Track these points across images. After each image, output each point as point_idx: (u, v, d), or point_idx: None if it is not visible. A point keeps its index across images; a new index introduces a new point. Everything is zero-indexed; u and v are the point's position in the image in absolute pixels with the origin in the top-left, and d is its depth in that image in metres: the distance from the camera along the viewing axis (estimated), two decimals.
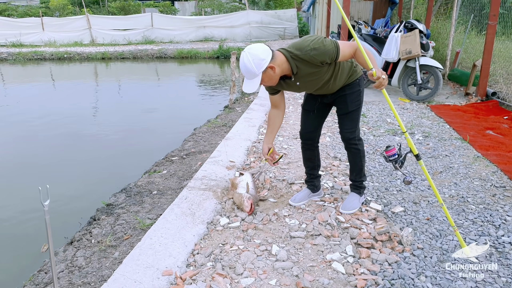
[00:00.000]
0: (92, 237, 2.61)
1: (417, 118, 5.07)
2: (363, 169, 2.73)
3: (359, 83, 2.54)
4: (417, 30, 5.69)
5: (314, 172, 2.86)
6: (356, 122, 2.59)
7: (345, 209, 2.68)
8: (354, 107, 2.54)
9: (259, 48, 2.18)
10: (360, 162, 2.68)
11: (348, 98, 2.53)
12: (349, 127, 2.58)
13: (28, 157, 5.09)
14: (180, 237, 2.36)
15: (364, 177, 2.76)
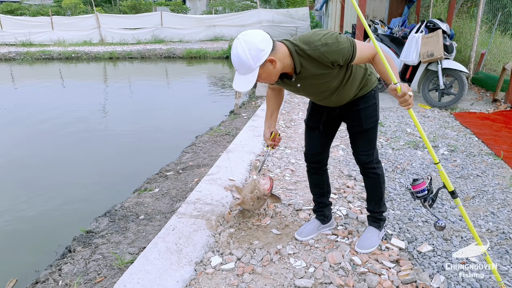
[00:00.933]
0: (60, 276, 2.22)
1: (440, 128, 4.57)
2: (383, 198, 2.28)
3: (374, 95, 2.08)
4: (440, 30, 5.18)
5: (323, 200, 2.41)
6: (373, 142, 2.14)
7: (362, 247, 2.24)
8: (370, 124, 2.08)
9: (258, 36, 1.68)
10: (379, 190, 2.23)
11: (363, 114, 2.07)
12: (366, 148, 2.14)
13: (23, 159, 4.79)
14: (160, 284, 1.94)
15: (384, 207, 2.31)
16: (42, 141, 5.57)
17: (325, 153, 2.32)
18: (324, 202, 2.42)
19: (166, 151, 4.82)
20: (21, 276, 2.55)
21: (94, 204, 3.52)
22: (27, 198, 3.78)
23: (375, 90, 2.09)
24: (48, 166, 4.61)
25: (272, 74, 1.77)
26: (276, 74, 1.79)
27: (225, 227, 2.56)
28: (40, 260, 2.67)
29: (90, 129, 6.17)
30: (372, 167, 2.18)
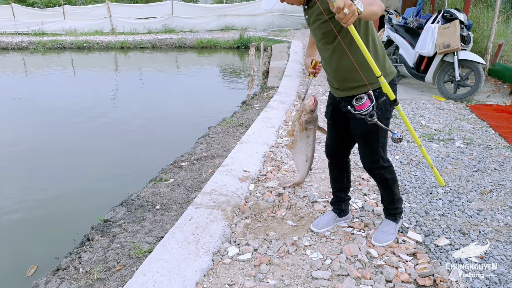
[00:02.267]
0: (81, 264, 2.26)
1: (456, 121, 4.51)
2: (396, 196, 2.23)
3: (377, 96, 1.91)
4: (457, 20, 5.08)
5: (341, 194, 2.41)
6: (374, 147, 2.02)
7: (378, 240, 2.24)
8: (369, 130, 1.96)
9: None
10: (390, 191, 2.19)
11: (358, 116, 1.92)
12: (369, 153, 2.06)
13: (40, 149, 4.86)
14: (179, 274, 1.97)
15: (398, 203, 2.27)
16: (57, 131, 5.64)
17: (342, 149, 2.27)
18: (342, 197, 2.41)
19: (179, 142, 4.85)
20: (41, 263, 2.61)
21: (110, 193, 3.57)
22: (44, 187, 3.84)
23: (379, 92, 1.91)
24: (63, 156, 4.68)
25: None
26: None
27: (241, 218, 2.58)
28: (59, 248, 2.73)
29: (104, 119, 6.23)
30: (378, 173, 2.11)
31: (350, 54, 1.84)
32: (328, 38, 1.89)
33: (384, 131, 2.00)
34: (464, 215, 2.52)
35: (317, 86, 6.70)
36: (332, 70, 2.00)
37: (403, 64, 5.95)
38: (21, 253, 2.80)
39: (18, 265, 2.60)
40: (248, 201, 2.81)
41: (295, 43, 12.02)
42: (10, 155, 4.71)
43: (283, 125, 4.56)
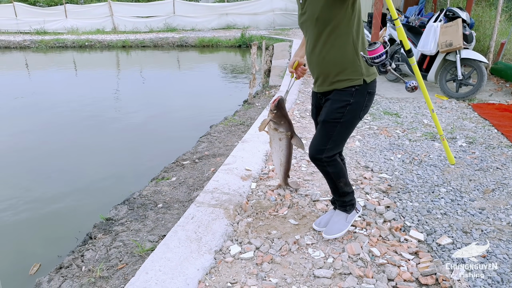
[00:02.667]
0: (83, 262, 2.27)
1: (458, 120, 4.51)
2: (341, 190, 2.18)
3: (354, 93, 1.92)
4: (460, 19, 5.08)
5: None
6: (327, 138, 1.99)
7: (327, 233, 2.22)
8: (331, 118, 1.95)
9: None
10: (333, 184, 2.16)
11: (329, 105, 1.97)
12: (318, 142, 2.03)
13: (42, 147, 4.87)
14: (181, 272, 1.98)
15: (345, 197, 2.22)
16: (59, 130, 5.66)
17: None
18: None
19: (181, 140, 4.86)
20: (44, 261, 2.62)
21: (112, 192, 3.58)
22: (46, 185, 3.85)
23: (357, 89, 1.92)
24: (65, 155, 4.69)
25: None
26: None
27: (243, 216, 2.58)
28: (62, 246, 2.74)
29: (106, 118, 6.23)
30: (320, 164, 2.07)
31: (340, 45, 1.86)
32: (324, 27, 1.87)
33: (344, 127, 1.97)
34: (467, 214, 2.52)
35: None
36: (320, 62, 1.97)
37: (405, 63, 5.94)
38: (24, 251, 2.81)
39: (21, 263, 2.61)
40: (250, 199, 2.81)
41: (296, 42, 12.01)
42: (13, 153, 4.72)
43: None
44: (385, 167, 3.29)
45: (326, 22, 1.84)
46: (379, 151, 3.64)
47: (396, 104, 5.19)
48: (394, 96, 5.60)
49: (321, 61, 1.95)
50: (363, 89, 1.93)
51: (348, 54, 1.89)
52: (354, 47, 1.88)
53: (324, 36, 1.88)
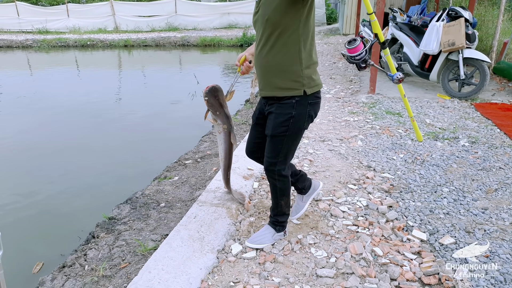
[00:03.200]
0: (86, 261, 2.27)
1: (461, 119, 4.50)
2: (279, 208, 2.19)
3: (294, 104, 1.91)
4: (463, 18, 5.06)
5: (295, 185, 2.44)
6: (277, 151, 2.00)
7: (251, 241, 2.22)
8: (278, 132, 1.96)
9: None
10: (276, 200, 2.17)
11: (273, 119, 1.97)
12: (269, 155, 2.04)
13: (44, 146, 4.88)
14: (184, 271, 1.98)
15: (280, 217, 2.22)
16: (61, 129, 5.66)
17: (258, 150, 2.25)
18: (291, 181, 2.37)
19: (183, 140, 4.86)
20: (47, 260, 2.62)
21: (114, 191, 3.58)
22: (49, 184, 3.86)
23: (297, 101, 1.91)
24: (68, 154, 4.69)
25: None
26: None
27: (245, 215, 2.58)
28: (65, 245, 2.74)
29: (109, 117, 6.24)
30: (272, 176, 2.08)
31: (285, 52, 1.84)
32: (271, 30, 1.83)
33: (291, 139, 1.98)
34: (469, 214, 2.52)
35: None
36: (264, 64, 1.94)
37: (408, 62, 5.93)
38: (27, 250, 2.81)
39: (24, 262, 2.62)
40: (253, 199, 2.82)
41: None
42: (15, 153, 4.73)
43: None
44: (387, 166, 3.29)
45: (275, 25, 1.80)
46: (381, 151, 3.64)
47: (398, 103, 5.18)
48: (396, 95, 5.59)
49: (265, 64, 1.93)
50: (303, 100, 1.91)
51: (291, 62, 1.86)
52: (299, 57, 1.86)
53: (272, 39, 1.85)
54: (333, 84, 6.63)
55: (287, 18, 1.77)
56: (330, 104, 5.40)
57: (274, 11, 1.78)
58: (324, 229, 2.39)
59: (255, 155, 2.31)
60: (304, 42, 1.85)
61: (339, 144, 3.82)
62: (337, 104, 5.41)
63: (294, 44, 1.83)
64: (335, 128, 4.36)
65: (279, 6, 1.75)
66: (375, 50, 5.48)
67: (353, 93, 5.94)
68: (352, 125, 4.43)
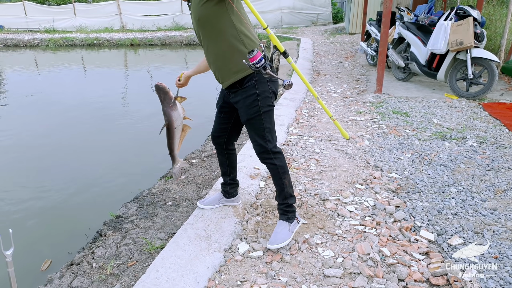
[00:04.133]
0: (94, 259, 2.28)
1: (469, 119, 4.46)
2: (286, 189, 2.19)
3: (255, 84, 2.03)
4: (471, 17, 5.02)
5: (225, 178, 2.53)
6: (261, 130, 2.08)
7: (271, 242, 2.18)
8: (252, 114, 2.06)
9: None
10: (280, 180, 2.17)
11: (243, 104, 2.08)
12: (257, 138, 2.11)
13: (51, 145, 4.91)
14: (191, 270, 1.98)
15: (290, 199, 2.22)
16: (69, 128, 5.70)
17: (224, 138, 2.38)
18: (226, 180, 2.53)
19: (190, 139, 4.84)
20: (55, 257, 2.64)
21: (121, 189, 3.60)
22: (56, 183, 3.88)
23: (256, 80, 2.02)
24: (75, 153, 4.72)
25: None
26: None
27: (252, 215, 2.58)
28: (72, 243, 2.76)
29: (115, 116, 6.27)
30: (268, 157, 2.13)
31: (225, 39, 1.97)
32: (205, 25, 1.98)
33: (267, 116, 2.08)
34: (478, 215, 2.50)
35: (327, 83, 6.67)
36: (213, 59, 2.09)
37: (415, 62, 5.89)
38: (35, 247, 2.83)
39: (32, 259, 2.64)
40: (259, 198, 2.82)
41: (304, 40, 11.97)
42: (23, 151, 4.77)
43: (293, 122, 4.56)
44: (394, 166, 3.27)
45: (206, 19, 1.96)
46: (388, 151, 3.62)
47: (405, 103, 5.15)
48: (403, 95, 5.55)
49: (214, 58, 2.08)
50: (262, 78, 2.01)
51: (235, 45, 1.99)
52: (239, 38, 1.99)
53: (209, 33, 2.00)
54: (340, 84, 6.61)
55: (213, 10, 1.91)
56: (337, 104, 5.39)
57: (201, 9, 1.93)
58: (331, 229, 2.39)
59: (219, 140, 2.40)
60: (240, 23, 1.98)
61: (346, 144, 3.81)
62: (344, 103, 5.40)
63: (230, 28, 1.96)
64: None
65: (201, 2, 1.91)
66: (382, 49, 5.45)
67: (359, 92, 5.92)
68: (359, 125, 4.41)
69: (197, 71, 2.50)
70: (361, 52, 9.24)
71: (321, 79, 7.04)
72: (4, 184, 3.91)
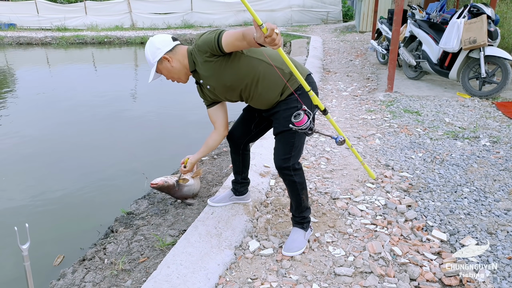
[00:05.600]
0: (105, 255, 2.30)
1: (481, 118, 4.40)
2: (303, 204, 2.15)
3: (298, 97, 2.00)
4: (485, 15, 4.95)
5: (237, 176, 2.52)
6: (290, 146, 2.02)
7: (288, 250, 2.14)
8: (288, 126, 1.93)
9: (160, 37, 2.06)
10: (297, 196, 2.13)
11: (281, 115, 2.04)
12: (282, 152, 2.04)
13: (63, 142, 4.97)
14: (202, 267, 1.99)
15: (305, 212, 2.19)
16: (80, 125, 5.75)
17: (244, 140, 2.38)
18: (237, 179, 2.53)
19: (200, 136, 4.88)
20: (67, 252, 2.67)
21: (133, 186, 3.62)
22: (68, 179, 3.92)
23: (299, 94, 2.00)
24: (87, 150, 4.76)
25: (172, 72, 2.06)
26: (177, 72, 2.06)
27: (262, 212, 2.58)
28: (84, 239, 2.78)
29: (126, 113, 6.32)
30: (288, 174, 2.06)
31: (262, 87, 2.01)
32: (235, 88, 2.03)
33: (303, 135, 2.01)
34: (491, 215, 2.47)
35: (338, 82, 6.64)
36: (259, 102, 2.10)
37: (426, 60, 5.83)
38: (48, 243, 2.87)
39: (45, 254, 2.67)
40: (269, 196, 2.82)
41: (314, 39, 11.92)
42: (36, 148, 4.83)
43: None
44: (406, 165, 3.25)
45: (236, 79, 1.99)
46: (399, 150, 3.59)
47: (417, 102, 5.10)
48: (414, 94, 5.50)
49: (260, 101, 2.08)
50: (304, 92, 1.90)
51: (271, 76, 2.00)
52: (269, 67, 1.99)
53: (243, 86, 2.02)
54: (350, 82, 6.57)
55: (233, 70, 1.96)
56: (347, 102, 5.36)
57: (224, 76, 1.97)
58: (342, 227, 2.38)
59: (237, 141, 2.38)
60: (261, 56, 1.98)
61: (356, 143, 3.79)
62: (354, 102, 5.36)
63: (258, 66, 1.98)
64: (352, 126, 4.32)
65: (223, 67, 1.95)
66: (393, 48, 5.41)
67: (370, 91, 5.88)
68: (370, 123, 4.38)
69: (203, 154, 2.42)
70: (372, 50, 9.18)
71: (331, 77, 7.00)
72: (18, 181, 3.97)
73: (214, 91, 2.10)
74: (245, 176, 2.54)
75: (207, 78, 2.04)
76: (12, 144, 4.92)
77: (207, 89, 2.12)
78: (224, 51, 1.88)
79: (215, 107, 2.24)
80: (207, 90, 2.12)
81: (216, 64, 1.96)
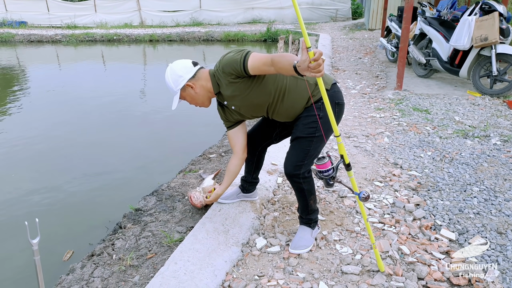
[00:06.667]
0: (114, 251, 2.33)
1: (492, 117, 4.35)
2: (310, 208, 2.14)
3: (320, 106, 1.96)
4: (497, 12, 4.88)
5: (247, 176, 2.52)
6: (305, 154, 1.99)
7: (295, 247, 2.13)
8: (306, 133, 1.98)
9: (180, 64, 2.03)
10: (305, 202, 2.12)
11: (301, 122, 2.03)
12: (295, 158, 2.01)
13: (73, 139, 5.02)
14: (209, 263, 2.00)
15: (312, 214, 2.18)
16: (89, 122, 5.80)
17: (263, 143, 2.37)
18: (247, 178, 2.52)
19: (208, 134, 4.90)
20: (76, 248, 2.70)
21: (141, 183, 3.65)
22: (77, 176, 3.96)
23: (322, 103, 1.91)
24: (96, 147, 4.81)
25: (196, 98, 2.07)
26: (201, 98, 2.07)
27: (269, 210, 2.59)
28: (93, 235, 2.81)
29: (135, 111, 6.36)
30: (297, 181, 2.04)
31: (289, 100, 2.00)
32: (262, 105, 2.02)
33: (318, 142, 2.01)
34: (501, 214, 2.44)
35: (346, 80, 6.60)
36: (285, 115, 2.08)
37: (436, 58, 5.77)
38: (57, 238, 2.90)
39: (55, 249, 2.71)
40: (276, 194, 2.82)
41: (323, 36, 11.87)
42: (45, 145, 4.89)
43: None
44: (414, 164, 3.22)
45: (263, 95, 1.97)
46: (408, 148, 3.57)
47: (426, 100, 5.05)
48: (423, 92, 5.45)
49: (287, 114, 2.07)
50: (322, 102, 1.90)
51: (297, 88, 1.99)
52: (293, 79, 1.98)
53: (272, 101, 2.01)
54: (359, 80, 6.53)
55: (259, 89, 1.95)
56: (356, 100, 5.33)
57: (251, 95, 1.96)
58: (350, 226, 2.37)
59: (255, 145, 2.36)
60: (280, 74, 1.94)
61: (365, 141, 3.77)
62: (363, 100, 5.33)
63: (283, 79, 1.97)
64: (361, 124, 4.30)
65: (249, 86, 1.94)
66: (403, 45, 5.36)
67: (379, 89, 5.84)
68: (378, 122, 4.36)
69: (229, 183, 2.39)
70: (381, 48, 9.10)
71: (340, 75, 6.97)
72: (28, 177, 4.02)
73: (240, 110, 2.09)
74: (255, 176, 2.53)
75: (232, 99, 2.02)
76: (22, 141, 4.98)
77: (231, 110, 2.10)
78: (249, 74, 1.87)
79: (236, 129, 2.21)
80: (231, 111, 2.11)
81: (242, 85, 1.94)
